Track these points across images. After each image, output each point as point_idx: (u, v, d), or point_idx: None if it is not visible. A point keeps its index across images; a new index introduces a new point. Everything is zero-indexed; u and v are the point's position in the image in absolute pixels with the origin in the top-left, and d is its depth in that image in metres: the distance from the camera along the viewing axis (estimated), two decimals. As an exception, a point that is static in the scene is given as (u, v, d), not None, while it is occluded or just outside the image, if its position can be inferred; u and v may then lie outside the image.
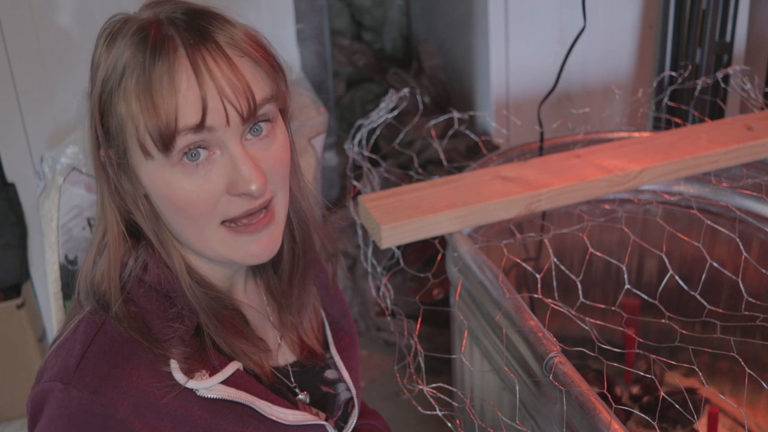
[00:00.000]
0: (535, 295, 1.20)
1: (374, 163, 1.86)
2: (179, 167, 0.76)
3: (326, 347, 1.00)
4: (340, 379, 0.98)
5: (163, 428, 0.77)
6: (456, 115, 1.65)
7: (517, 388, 1.07)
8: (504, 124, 2.17)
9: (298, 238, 0.93)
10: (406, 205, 1.28)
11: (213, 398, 0.80)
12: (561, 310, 1.11)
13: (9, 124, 1.96)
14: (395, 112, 1.59)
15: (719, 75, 1.71)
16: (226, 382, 0.82)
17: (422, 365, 1.17)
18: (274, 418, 0.84)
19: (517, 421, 1.05)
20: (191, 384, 0.79)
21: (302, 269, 0.94)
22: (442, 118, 1.80)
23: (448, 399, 1.08)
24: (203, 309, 0.83)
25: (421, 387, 1.05)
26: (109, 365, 0.77)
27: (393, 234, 1.22)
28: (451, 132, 1.77)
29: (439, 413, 1.05)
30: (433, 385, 1.06)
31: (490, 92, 2.20)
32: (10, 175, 2.03)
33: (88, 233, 1.70)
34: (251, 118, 0.77)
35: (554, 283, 1.25)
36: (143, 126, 0.74)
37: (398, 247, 1.35)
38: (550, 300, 1.12)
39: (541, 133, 1.60)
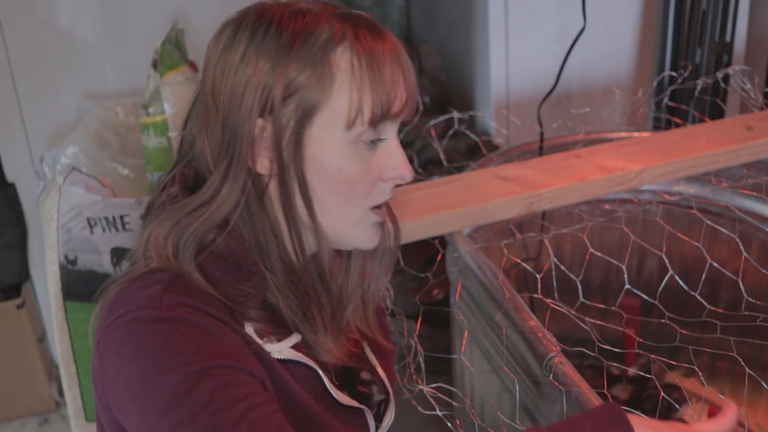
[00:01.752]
0: (535, 295, 1.20)
1: (374, 163, 1.86)
2: (359, 146, 0.81)
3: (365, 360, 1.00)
4: (374, 381, 0.98)
5: (244, 358, 0.77)
6: (456, 115, 1.65)
7: (517, 388, 1.07)
8: (504, 124, 2.17)
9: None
10: (406, 205, 1.28)
11: (283, 359, 0.82)
12: (561, 310, 1.11)
13: (9, 124, 1.96)
14: (395, 112, 1.58)
15: (719, 75, 1.71)
16: (293, 347, 0.84)
17: (422, 365, 1.17)
18: (330, 390, 0.86)
19: (517, 421, 1.05)
20: (266, 346, 0.81)
21: (355, 282, 0.97)
22: (442, 118, 1.80)
23: (448, 399, 1.08)
24: (279, 282, 0.84)
25: (421, 387, 1.05)
26: (196, 300, 0.77)
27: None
28: (451, 132, 1.77)
29: (439, 413, 1.05)
30: (433, 385, 1.06)
31: (490, 92, 2.20)
32: (10, 175, 2.04)
33: (88, 233, 1.70)
34: (409, 118, 0.86)
35: (554, 283, 1.25)
36: (367, 100, 0.79)
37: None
38: (550, 300, 1.12)
39: (541, 133, 1.60)
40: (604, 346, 1.12)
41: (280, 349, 0.82)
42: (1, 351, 2.09)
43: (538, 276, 1.20)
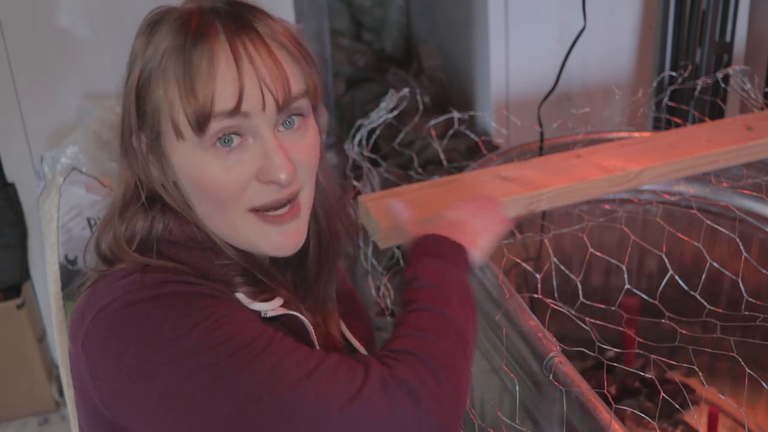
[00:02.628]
0: (535, 295, 1.20)
1: (374, 163, 1.86)
2: (211, 151, 0.77)
3: (343, 338, 1.00)
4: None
5: (244, 310, 0.78)
6: (456, 115, 1.65)
7: (517, 388, 1.07)
8: (504, 124, 2.17)
9: (324, 229, 0.94)
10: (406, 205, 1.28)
11: (275, 316, 0.81)
12: (561, 310, 1.11)
13: (9, 124, 1.96)
14: (395, 112, 1.59)
15: (719, 75, 1.71)
16: (283, 305, 0.84)
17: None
18: (316, 346, 0.85)
19: (517, 421, 1.05)
20: (256, 306, 0.81)
21: (329, 260, 0.95)
22: (442, 118, 1.80)
23: (448, 399, 1.07)
24: (242, 258, 0.84)
25: (421, 387, 1.05)
26: (178, 275, 0.77)
27: (393, 234, 1.22)
28: (451, 132, 1.77)
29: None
30: (433, 385, 1.06)
31: (490, 92, 2.20)
32: (10, 175, 2.03)
33: (88, 233, 1.70)
34: (286, 108, 0.79)
35: (554, 283, 1.25)
36: (179, 106, 0.76)
37: (398, 247, 1.35)
38: (550, 300, 1.12)
39: (541, 133, 1.60)
40: (605, 346, 1.12)
41: (273, 307, 0.82)
42: (1, 351, 2.09)
43: (538, 276, 1.20)
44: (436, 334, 0.78)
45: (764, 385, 1.29)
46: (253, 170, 0.79)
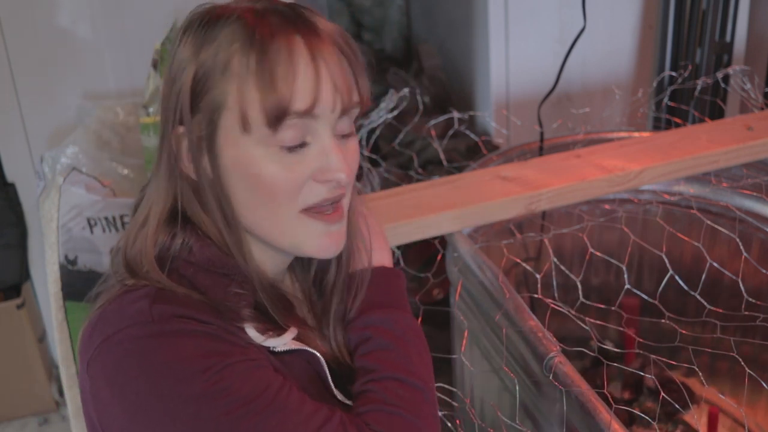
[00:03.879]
0: (535, 295, 1.20)
1: (374, 163, 1.86)
2: (273, 149, 0.78)
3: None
4: None
5: (250, 352, 0.77)
6: (456, 115, 1.65)
7: (517, 388, 1.07)
8: (504, 124, 2.17)
9: (346, 247, 0.93)
10: (406, 205, 1.28)
11: (283, 351, 0.81)
12: (561, 310, 1.11)
13: (9, 124, 1.96)
14: (395, 112, 1.59)
15: (719, 75, 1.71)
16: (295, 338, 0.83)
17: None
18: (330, 385, 0.85)
19: (517, 421, 1.05)
20: (267, 341, 0.80)
21: (343, 280, 0.95)
22: (442, 118, 1.80)
23: (448, 399, 1.08)
24: (261, 286, 0.83)
25: (421, 387, 1.05)
26: (186, 310, 0.76)
27: (393, 234, 1.22)
28: (451, 132, 1.77)
29: (439, 413, 1.05)
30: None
31: (490, 92, 2.20)
32: (10, 175, 2.04)
33: (88, 233, 1.70)
34: (346, 113, 0.80)
35: (554, 283, 1.25)
36: (256, 99, 0.76)
37: (398, 247, 1.35)
38: (550, 300, 1.12)
39: (541, 133, 1.60)
40: (605, 346, 1.13)
41: (284, 341, 0.81)
42: (1, 351, 2.09)
43: (538, 276, 1.20)
44: (409, 410, 0.81)
45: (764, 385, 1.29)
46: (311, 170, 0.79)
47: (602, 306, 1.26)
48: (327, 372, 0.85)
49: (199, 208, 0.83)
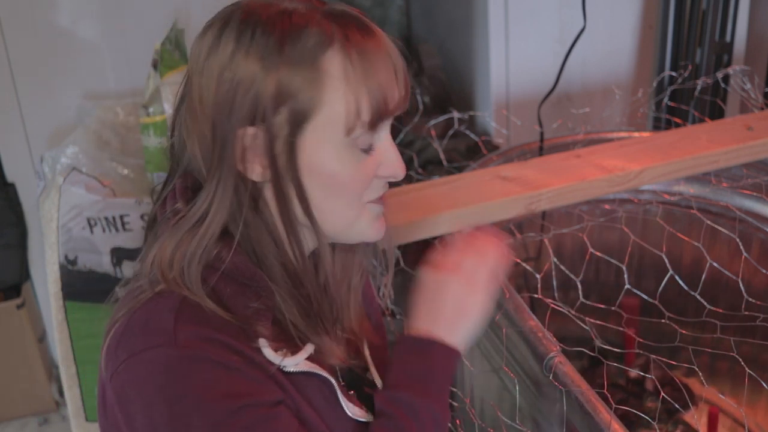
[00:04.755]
0: (535, 295, 1.20)
1: (374, 163, 1.86)
2: (351, 148, 0.80)
3: None
4: (375, 383, 0.98)
5: (266, 390, 0.78)
6: (456, 115, 1.65)
7: (517, 388, 1.07)
8: (504, 124, 2.17)
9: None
10: (406, 205, 1.28)
11: (296, 372, 0.81)
12: (561, 310, 1.11)
13: (9, 124, 1.97)
14: (395, 112, 1.58)
15: (719, 75, 1.71)
16: (308, 358, 0.83)
17: (422, 365, 1.16)
18: (343, 403, 0.85)
19: (517, 421, 1.05)
20: (281, 362, 0.80)
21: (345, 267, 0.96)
22: (442, 118, 1.80)
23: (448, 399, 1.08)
24: (291, 290, 0.84)
25: (421, 387, 1.04)
26: (208, 327, 0.76)
27: (393, 234, 1.22)
28: (451, 132, 1.77)
29: (439, 413, 1.04)
30: (433, 385, 1.06)
31: (490, 92, 2.20)
32: (10, 175, 2.04)
33: (88, 233, 1.70)
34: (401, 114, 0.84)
35: (554, 283, 1.25)
36: (363, 99, 0.78)
37: (398, 247, 1.35)
38: (550, 300, 1.12)
39: (541, 133, 1.60)
40: (605, 346, 1.13)
41: (297, 362, 0.81)
42: (1, 351, 2.09)
43: (538, 276, 1.20)
44: None
45: (764, 385, 1.29)
46: (376, 166, 0.83)
47: (602, 306, 1.26)
48: (339, 394, 0.85)
49: (253, 215, 0.82)
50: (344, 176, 0.80)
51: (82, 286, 1.73)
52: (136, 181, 1.79)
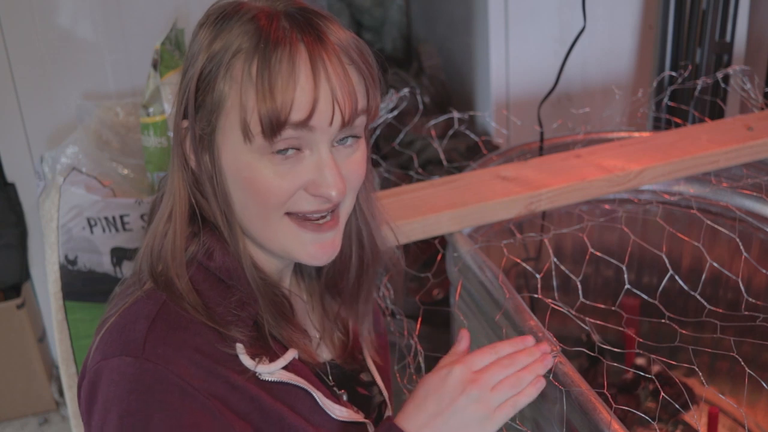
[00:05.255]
0: (535, 295, 1.20)
1: (374, 163, 1.86)
2: (268, 157, 0.78)
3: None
4: (374, 382, 0.98)
5: (231, 401, 0.77)
6: (456, 115, 1.65)
7: (517, 388, 1.07)
8: (504, 124, 2.17)
9: (367, 247, 0.94)
10: (406, 205, 1.28)
11: (273, 381, 0.81)
12: (561, 310, 1.11)
13: (9, 124, 1.97)
14: (395, 112, 1.59)
15: (719, 75, 1.71)
16: (285, 367, 0.83)
17: (422, 365, 1.17)
18: (325, 408, 0.85)
19: (517, 421, 1.05)
20: (258, 368, 0.80)
21: (369, 278, 0.96)
22: (442, 118, 1.80)
23: (448, 399, 1.07)
24: (263, 296, 0.83)
25: (421, 387, 1.05)
26: (179, 340, 0.76)
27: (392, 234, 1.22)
28: (451, 132, 1.77)
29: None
30: (433, 385, 1.06)
31: (490, 92, 2.20)
32: (10, 175, 2.04)
33: (88, 233, 1.70)
34: (348, 126, 0.79)
35: (554, 283, 1.25)
36: (254, 109, 0.76)
37: (398, 247, 1.35)
38: (550, 300, 1.12)
39: (541, 133, 1.59)
40: (605, 346, 1.13)
41: (271, 371, 0.81)
42: (1, 351, 2.09)
43: (538, 276, 1.20)
44: None
45: (764, 385, 1.29)
46: (304, 181, 0.79)
47: (602, 306, 1.26)
48: (320, 401, 0.85)
49: (204, 202, 0.84)
50: (258, 182, 0.78)
51: (82, 286, 1.73)
52: (136, 181, 1.78)
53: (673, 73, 2.09)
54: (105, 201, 1.69)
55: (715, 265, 1.32)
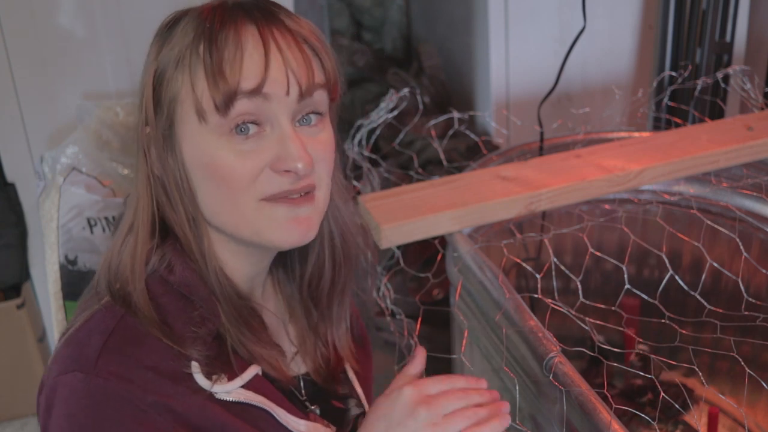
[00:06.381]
0: (535, 295, 1.20)
1: (374, 163, 1.86)
2: (227, 138, 0.77)
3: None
4: (351, 395, 0.97)
5: (187, 419, 0.76)
6: (456, 115, 1.65)
7: (517, 388, 1.07)
8: (504, 124, 2.17)
9: (339, 250, 0.93)
10: (406, 205, 1.28)
11: (231, 401, 0.79)
12: (561, 310, 1.11)
13: (9, 124, 1.96)
14: (395, 112, 1.59)
15: (719, 75, 1.71)
16: (245, 385, 0.81)
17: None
18: (288, 426, 0.83)
19: (517, 421, 1.05)
20: (213, 388, 0.78)
21: (342, 281, 0.94)
22: (442, 118, 1.80)
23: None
24: (226, 309, 0.81)
25: (421, 387, 1.04)
26: (133, 358, 0.75)
27: (393, 234, 1.22)
28: (451, 132, 1.77)
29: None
30: (433, 385, 1.05)
31: (490, 92, 2.20)
32: (10, 175, 2.04)
33: (88, 233, 1.70)
34: (308, 96, 0.78)
35: (554, 283, 1.25)
36: (205, 87, 0.75)
37: (398, 247, 1.35)
38: (550, 300, 1.12)
39: (541, 133, 1.59)
40: (605, 346, 1.13)
41: (228, 390, 0.79)
42: (1, 351, 2.09)
43: (538, 276, 1.20)
44: None
45: (764, 385, 1.29)
46: (269, 159, 0.77)
47: (602, 306, 1.26)
48: (283, 419, 0.83)
49: (170, 210, 0.82)
50: (221, 166, 0.77)
51: (82, 286, 1.72)
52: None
53: (673, 73, 2.09)
54: (105, 201, 1.69)
55: (715, 265, 1.32)
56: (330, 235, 0.92)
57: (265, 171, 0.77)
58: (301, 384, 0.91)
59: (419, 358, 0.87)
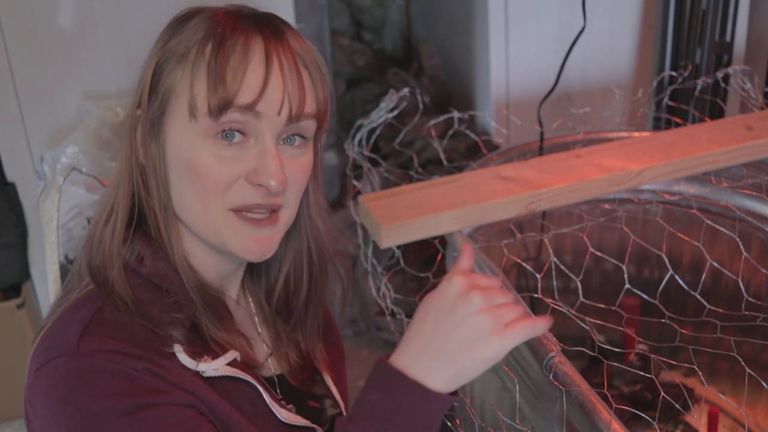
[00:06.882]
0: (536, 295, 1.20)
1: (374, 163, 1.86)
2: (211, 140, 0.78)
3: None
4: (327, 395, 0.97)
5: (174, 396, 0.76)
6: (456, 115, 1.65)
7: (517, 388, 1.07)
8: (504, 124, 2.17)
9: (316, 266, 0.94)
10: (406, 205, 1.28)
11: (217, 376, 0.80)
12: (561, 310, 1.11)
13: (9, 124, 1.97)
14: (395, 112, 1.59)
15: (719, 75, 1.71)
16: (229, 364, 0.82)
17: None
18: (273, 409, 0.84)
19: (517, 421, 1.05)
20: (199, 367, 0.79)
21: (319, 293, 0.95)
22: (442, 118, 1.80)
23: (448, 399, 1.07)
24: (200, 298, 0.83)
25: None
26: (117, 338, 0.75)
27: (393, 234, 1.22)
28: (451, 132, 1.77)
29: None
30: (433, 385, 1.05)
31: (490, 92, 2.20)
32: (10, 175, 2.04)
33: (88, 233, 1.70)
34: (296, 121, 0.80)
35: (554, 283, 1.25)
36: (203, 88, 0.77)
37: (398, 247, 1.35)
38: (550, 300, 1.12)
39: (541, 133, 1.60)
40: (605, 346, 1.13)
41: (216, 367, 0.80)
42: (1, 351, 2.09)
43: (538, 276, 1.20)
44: None
45: (764, 385, 1.29)
46: (246, 170, 0.79)
47: (602, 306, 1.26)
48: (268, 400, 0.84)
49: (146, 195, 0.83)
50: (200, 166, 0.78)
51: (82, 286, 1.73)
52: (136, 181, 1.79)
53: (673, 73, 2.10)
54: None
55: (715, 264, 1.32)
56: (308, 251, 0.93)
57: (239, 181, 0.79)
58: (276, 383, 0.91)
59: (467, 254, 0.82)
